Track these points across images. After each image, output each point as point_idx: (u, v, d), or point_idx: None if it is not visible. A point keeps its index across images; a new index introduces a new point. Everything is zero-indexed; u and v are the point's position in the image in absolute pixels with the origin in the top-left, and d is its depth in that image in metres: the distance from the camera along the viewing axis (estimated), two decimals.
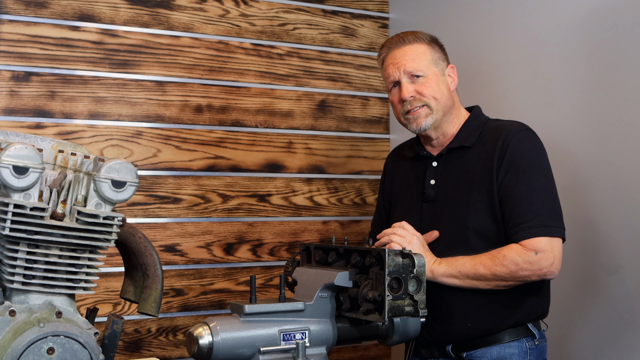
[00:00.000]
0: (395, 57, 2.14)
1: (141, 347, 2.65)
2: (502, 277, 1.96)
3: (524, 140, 2.04)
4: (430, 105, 2.10)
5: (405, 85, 2.11)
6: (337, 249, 1.98)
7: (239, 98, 2.84)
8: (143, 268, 1.63)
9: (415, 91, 2.10)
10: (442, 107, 2.12)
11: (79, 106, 2.56)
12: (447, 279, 2.01)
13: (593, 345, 2.26)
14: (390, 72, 2.14)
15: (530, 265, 1.94)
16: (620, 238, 2.18)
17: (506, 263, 1.95)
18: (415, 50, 2.13)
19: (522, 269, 1.94)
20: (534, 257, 1.94)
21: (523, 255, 1.94)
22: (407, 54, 2.13)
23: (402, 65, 2.11)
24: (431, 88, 2.10)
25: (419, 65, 2.11)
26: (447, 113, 2.14)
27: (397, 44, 2.15)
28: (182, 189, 2.72)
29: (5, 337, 1.38)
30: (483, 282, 1.99)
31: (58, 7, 2.53)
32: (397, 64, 2.13)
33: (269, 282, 2.88)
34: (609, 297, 2.21)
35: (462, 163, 2.11)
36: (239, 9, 2.85)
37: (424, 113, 2.11)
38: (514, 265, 1.94)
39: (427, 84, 2.10)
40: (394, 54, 2.15)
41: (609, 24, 2.23)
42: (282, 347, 1.79)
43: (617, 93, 2.20)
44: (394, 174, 2.34)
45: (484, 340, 2.05)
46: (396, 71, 2.12)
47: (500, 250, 1.97)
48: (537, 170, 2.01)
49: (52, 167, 1.53)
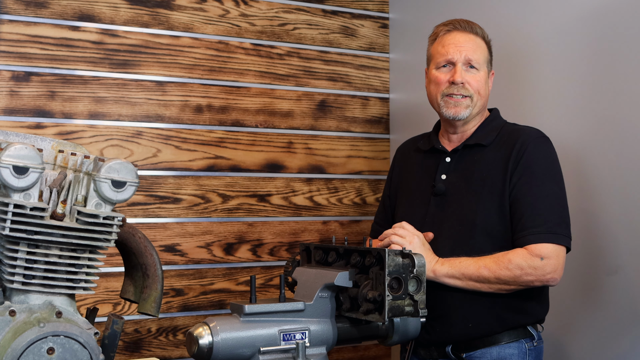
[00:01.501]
0: (459, 40, 2.13)
1: (141, 347, 2.65)
2: (505, 281, 1.97)
3: (541, 147, 2.05)
4: (473, 98, 2.12)
5: (460, 69, 2.11)
6: (337, 249, 1.98)
7: (239, 98, 2.84)
8: (143, 268, 1.63)
9: (466, 80, 2.11)
10: (481, 104, 2.14)
11: (79, 106, 2.56)
12: (449, 280, 2.01)
13: (593, 345, 2.26)
14: (449, 50, 2.13)
15: (534, 270, 1.94)
16: (620, 238, 2.18)
17: (511, 267, 1.95)
18: (479, 43, 2.14)
19: (526, 274, 1.95)
20: (539, 263, 1.94)
21: (528, 260, 1.94)
22: (472, 41, 2.13)
23: (465, 51, 2.11)
24: (480, 83, 2.12)
25: (479, 58, 2.13)
26: (480, 112, 2.16)
27: (465, 29, 2.15)
28: (182, 189, 2.72)
29: (5, 337, 1.37)
30: (485, 284, 1.99)
31: (58, 7, 2.53)
32: (460, 47, 2.12)
33: (269, 282, 2.88)
34: (609, 297, 2.21)
35: (477, 161, 2.11)
36: (239, 9, 2.85)
37: (465, 104, 2.11)
38: (518, 270, 1.95)
39: (478, 78, 2.12)
40: (458, 35, 2.14)
41: (609, 24, 2.23)
42: (282, 347, 1.79)
43: (617, 94, 2.20)
44: (403, 166, 2.34)
45: (484, 341, 2.05)
46: (457, 53, 2.12)
47: (505, 255, 1.97)
48: (551, 178, 2.02)
49: (52, 167, 1.53)
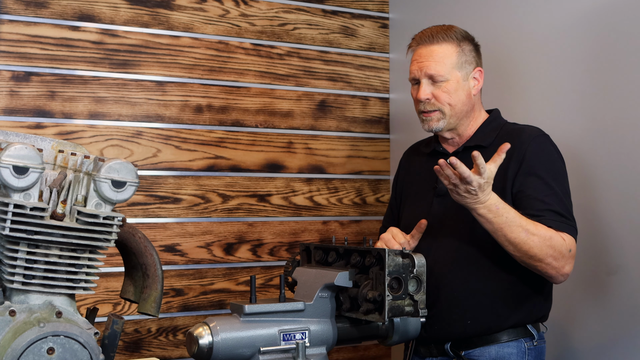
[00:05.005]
0: (420, 56, 2.12)
1: (141, 347, 2.65)
2: (531, 254, 1.89)
3: (543, 145, 2.05)
4: (444, 111, 2.10)
5: (424, 87, 2.09)
6: (337, 249, 1.98)
7: (239, 98, 2.84)
8: (143, 268, 1.63)
9: (432, 94, 2.09)
10: (456, 113, 2.11)
11: (79, 106, 2.56)
12: (488, 215, 1.90)
13: (593, 345, 2.25)
14: (412, 68, 2.13)
15: (562, 259, 1.91)
16: (621, 237, 2.18)
17: (552, 245, 1.89)
18: (441, 52, 2.10)
19: (554, 259, 1.90)
20: (568, 254, 1.92)
21: (562, 246, 1.90)
22: (433, 54, 2.10)
23: (424, 67, 2.10)
24: (447, 94, 2.09)
25: (442, 69, 2.09)
26: (462, 117, 2.13)
27: (426, 42, 2.12)
28: (182, 189, 2.72)
29: (5, 337, 1.38)
30: (510, 246, 1.91)
31: (58, 7, 2.53)
32: (420, 63, 2.11)
33: (269, 282, 2.88)
34: (610, 296, 2.21)
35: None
36: (239, 9, 2.85)
37: (436, 117, 2.10)
38: (551, 250, 1.89)
39: (445, 89, 2.09)
40: (420, 51, 2.13)
41: (608, 24, 2.23)
42: (282, 347, 1.79)
43: (616, 94, 2.20)
44: (408, 169, 2.35)
45: (483, 340, 2.05)
46: (418, 70, 2.11)
47: (549, 229, 1.90)
48: (554, 176, 2.01)
49: (52, 167, 1.53)
